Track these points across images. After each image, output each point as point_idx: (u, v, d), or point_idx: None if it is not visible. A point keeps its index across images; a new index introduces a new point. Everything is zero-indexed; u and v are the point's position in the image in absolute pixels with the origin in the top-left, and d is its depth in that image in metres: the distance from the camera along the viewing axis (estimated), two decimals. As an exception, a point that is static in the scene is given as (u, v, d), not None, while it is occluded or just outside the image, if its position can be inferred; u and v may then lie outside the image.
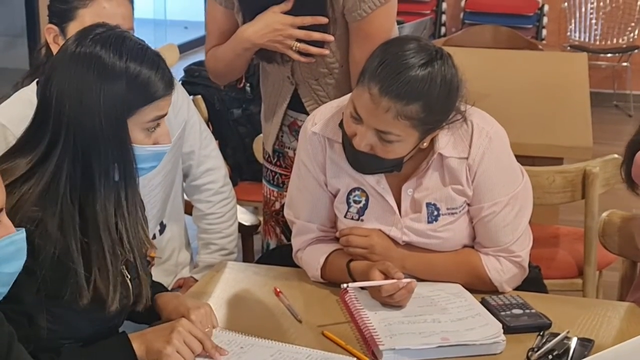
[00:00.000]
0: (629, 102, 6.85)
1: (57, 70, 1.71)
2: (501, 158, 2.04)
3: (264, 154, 2.68)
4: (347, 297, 1.96)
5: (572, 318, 1.90)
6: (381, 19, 2.34)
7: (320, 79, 2.45)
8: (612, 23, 6.91)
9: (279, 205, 2.58)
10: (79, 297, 1.65)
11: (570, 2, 6.90)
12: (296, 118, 2.53)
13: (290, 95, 2.50)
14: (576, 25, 6.91)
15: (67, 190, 1.64)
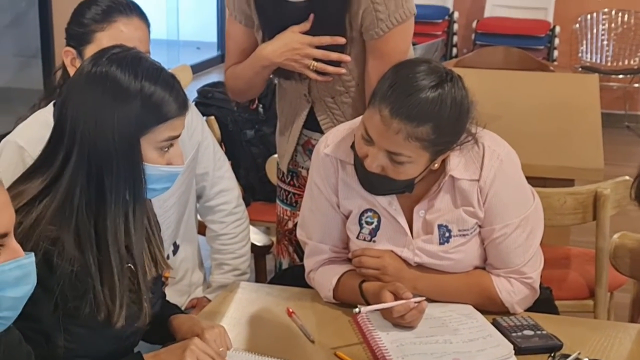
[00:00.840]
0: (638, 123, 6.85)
1: (74, 89, 1.73)
2: (512, 180, 2.04)
3: (278, 173, 2.68)
4: (360, 318, 1.96)
5: (583, 339, 1.89)
6: (397, 38, 2.36)
7: (337, 97, 2.46)
8: (623, 44, 6.91)
9: (292, 225, 2.59)
10: (97, 313, 1.65)
11: (582, 23, 6.91)
12: (310, 137, 2.54)
13: (306, 113, 2.51)
14: (587, 47, 6.92)
15: (81, 207, 1.65)
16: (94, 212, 1.68)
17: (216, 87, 3.77)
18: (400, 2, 2.32)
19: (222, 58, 9.32)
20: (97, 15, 2.16)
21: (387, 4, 2.31)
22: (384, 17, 2.32)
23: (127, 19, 2.17)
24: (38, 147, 1.83)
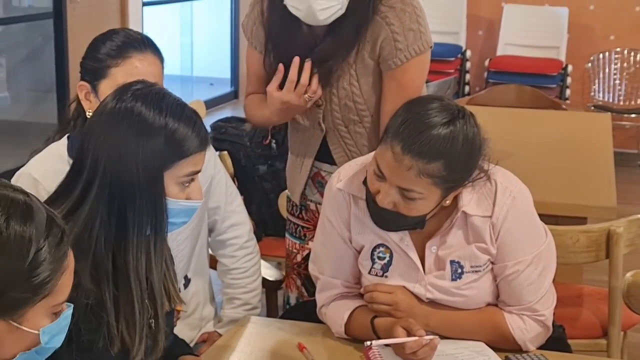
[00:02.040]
0: (653, 162, 6.83)
1: (96, 124, 1.74)
2: (525, 217, 2.04)
3: (288, 206, 2.68)
4: (371, 354, 1.95)
5: (598, 379, 1.89)
6: (414, 70, 2.39)
7: (350, 126, 2.46)
8: (636, 83, 6.92)
9: (300, 258, 2.60)
10: (110, 347, 1.66)
11: (594, 62, 6.93)
12: (320, 168, 2.54)
13: (319, 143, 2.50)
14: (600, 86, 6.93)
15: (100, 240, 1.66)
16: (112, 245, 1.68)
17: (229, 123, 3.78)
18: (418, 35, 2.34)
19: (235, 94, 9.39)
20: (112, 51, 2.17)
21: (406, 34, 2.33)
22: (403, 47, 2.34)
23: (141, 55, 2.18)
24: (52, 179, 1.84)
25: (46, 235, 1.30)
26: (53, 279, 1.31)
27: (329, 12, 2.26)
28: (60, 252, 1.32)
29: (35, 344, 1.34)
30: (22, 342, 1.33)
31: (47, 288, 1.30)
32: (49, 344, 1.36)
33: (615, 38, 6.95)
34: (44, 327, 1.33)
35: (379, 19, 2.34)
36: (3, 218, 1.26)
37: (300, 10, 2.27)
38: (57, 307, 1.35)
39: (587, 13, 6.95)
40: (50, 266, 1.30)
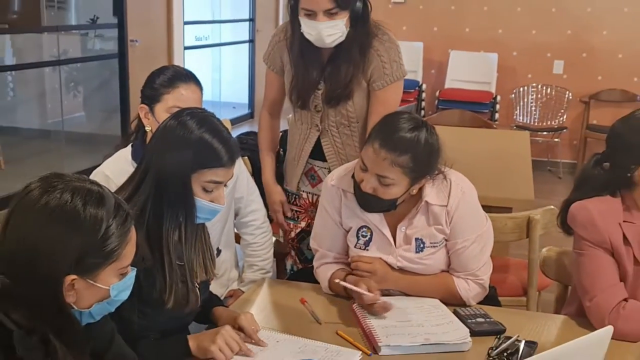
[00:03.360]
0: (559, 168, 6.83)
1: (155, 136, 1.76)
2: (471, 207, 2.05)
3: (286, 195, 2.64)
4: (355, 308, 1.96)
5: (521, 326, 1.88)
6: (394, 91, 2.42)
7: (340, 128, 2.45)
8: (546, 110, 6.94)
9: (294, 234, 2.60)
10: (162, 297, 1.67)
11: (516, 94, 6.96)
12: (314, 164, 2.53)
13: (314, 141, 2.49)
14: (520, 111, 6.95)
15: (150, 220, 1.67)
16: (158, 224, 1.68)
17: (249, 136, 3.76)
18: (399, 66, 2.39)
19: (251, 115, 9.37)
20: (165, 82, 2.17)
21: (391, 64, 2.37)
22: (388, 73, 2.37)
23: (186, 85, 2.18)
24: (120, 176, 1.84)
25: (114, 215, 1.30)
26: (119, 248, 1.31)
27: (333, 38, 2.27)
28: (125, 228, 1.32)
29: (107, 297, 1.34)
30: (97, 295, 1.33)
31: (115, 255, 1.31)
32: (117, 297, 1.36)
33: (531, 76, 6.97)
34: (113, 284, 1.33)
35: (372, 51, 2.35)
36: (81, 203, 1.26)
37: (312, 35, 2.28)
38: (123, 269, 1.35)
39: (511, 57, 6.97)
40: (118, 239, 1.30)
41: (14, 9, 7.04)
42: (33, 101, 7.42)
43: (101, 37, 7.05)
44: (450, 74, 7.01)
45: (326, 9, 2.20)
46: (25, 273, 1.24)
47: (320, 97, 2.41)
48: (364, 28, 2.33)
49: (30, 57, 6.89)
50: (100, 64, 6.89)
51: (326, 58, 2.38)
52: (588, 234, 1.90)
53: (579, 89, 6.85)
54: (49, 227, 1.24)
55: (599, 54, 6.78)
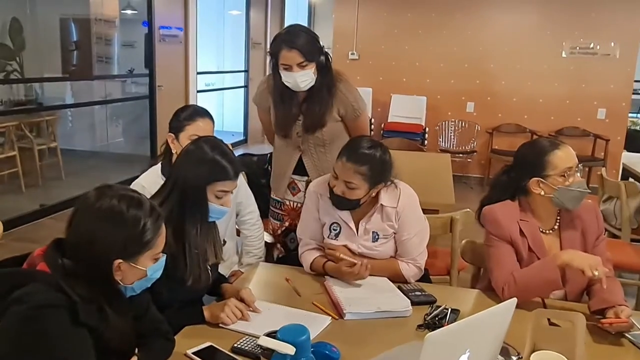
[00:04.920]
0: (471, 180, 6.90)
1: (179, 158, 1.74)
2: (414, 209, 2.05)
3: (272, 202, 2.63)
4: (327, 284, 1.95)
5: (447, 297, 1.88)
6: (363, 119, 2.43)
7: (317, 148, 2.43)
8: (461, 138, 6.98)
9: (280, 232, 2.57)
10: (183, 277, 1.65)
11: (440, 126, 7.00)
12: (294, 179, 2.51)
13: (296, 160, 2.47)
14: (443, 138, 7.00)
15: (175, 220, 1.64)
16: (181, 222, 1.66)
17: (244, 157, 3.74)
18: (361, 100, 2.41)
19: (246, 140, 9.33)
20: (187, 116, 2.15)
21: (357, 101, 2.38)
22: (357, 107, 2.38)
23: (202, 119, 2.16)
24: (152, 187, 1.81)
25: (149, 214, 1.29)
26: (153, 239, 1.30)
27: (305, 83, 2.27)
28: (157, 224, 1.31)
29: (144, 276, 1.32)
30: (137, 274, 1.31)
31: (150, 244, 1.30)
32: (152, 276, 1.35)
33: (451, 113, 7.01)
34: (149, 266, 1.32)
35: (340, 94, 2.35)
36: (125, 206, 1.26)
37: (290, 82, 2.28)
38: (156, 255, 1.34)
39: (437, 100, 7.00)
40: (152, 232, 1.29)
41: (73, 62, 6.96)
42: (86, 130, 7.33)
43: (136, 83, 6.99)
44: (392, 111, 7.02)
45: (298, 62, 2.22)
46: (85, 258, 1.24)
47: (300, 126, 2.40)
48: (328, 75, 2.34)
49: (84, 98, 6.81)
50: (135, 103, 6.83)
51: (301, 98, 2.37)
52: (494, 229, 1.92)
53: (485, 123, 6.91)
54: (102, 223, 1.24)
55: (499, 98, 6.86)
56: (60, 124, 6.54)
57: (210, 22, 8.89)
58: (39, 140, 6.12)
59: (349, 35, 7.10)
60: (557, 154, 1.86)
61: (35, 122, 6.22)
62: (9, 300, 1.17)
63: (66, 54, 7.25)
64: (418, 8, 6.90)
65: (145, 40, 6.56)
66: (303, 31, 2.25)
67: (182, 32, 6.84)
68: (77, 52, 7.29)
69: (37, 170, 5.98)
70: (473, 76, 6.87)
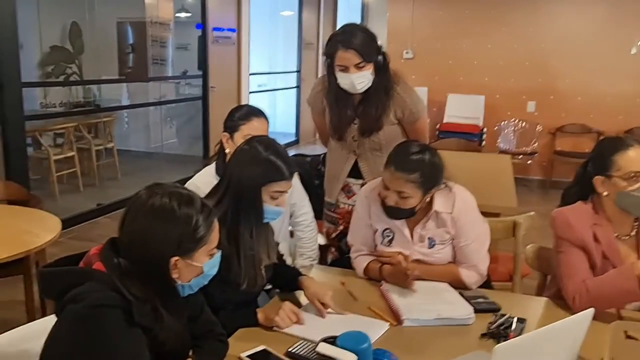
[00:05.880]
0: (532, 183, 6.67)
1: (233, 158, 1.72)
2: (472, 213, 1.97)
3: (326, 205, 2.59)
4: (383, 289, 1.90)
5: (512, 305, 1.80)
6: (422, 121, 2.38)
7: (373, 152, 2.39)
8: (522, 139, 6.78)
9: (335, 235, 2.53)
10: (237, 279, 1.64)
11: (499, 126, 6.82)
12: (349, 181, 2.47)
13: (352, 163, 2.43)
14: (502, 139, 6.81)
15: (229, 220, 1.63)
16: (235, 224, 1.65)
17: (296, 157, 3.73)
18: (420, 103, 2.37)
19: (297, 141, 9.37)
20: (242, 116, 2.15)
21: (415, 104, 2.33)
22: (414, 110, 2.33)
23: (257, 118, 2.16)
24: (206, 186, 1.81)
25: (201, 211, 1.28)
26: (207, 234, 1.29)
27: (362, 85, 2.23)
28: (209, 220, 1.30)
29: (201, 273, 1.31)
30: (194, 271, 1.30)
31: (204, 240, 1.28)
32: (209, 272, 1.34)
33: (510, 113, 6.81)
34: (205, 262, 1.31)
35: (398, 96, 2.29)
36: (177, 204, 1.25)
37: (346, 84, 2.23)
38: (211, 251, 1.33)
39: (495, 99, 6.82)
40: (205, 228, 1.28)
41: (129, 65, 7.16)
42: (141, 131, 7.53)
43: (189, 84, 7.13)
44: (448, 111, 6.89)
45: (355, 63, 2.17)
46: (139, 256, 1.23)
47: (355, 129, 2.35)
48: (386, 75, 2.28)
49: (139, 99, 7.00)
50: (188, 104, 6.97)
51: (357, 100, 2.33)
52: (565, 234, 1.81)
53: (547, 123, 6.68)
54: (154, 221, 1.24)
55: (562, 97, 6.61)
56: (117, 125, 6.74)
57: (263, 24, 8.97)
58: (96, 141, 6.33)
59: (403, 34, 7.01)
60: (626, 154, 1.74)
61: (93, 123, 6.45)
62: (65, 299, 1.18)
63: (123, 56, 7.47)
64: (476, 4, 6.74)
65: (198, 42, 6.69)
66: (360, 30, 2.20)
67: (235, 33, 6.93)
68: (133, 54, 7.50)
69: (95, 170, 6.19)
70: (534, 74, 6.64)
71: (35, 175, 5.13)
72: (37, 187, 4.93)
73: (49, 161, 5.57)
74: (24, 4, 5.58)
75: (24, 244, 2.32)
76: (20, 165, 4.29)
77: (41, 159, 5.62)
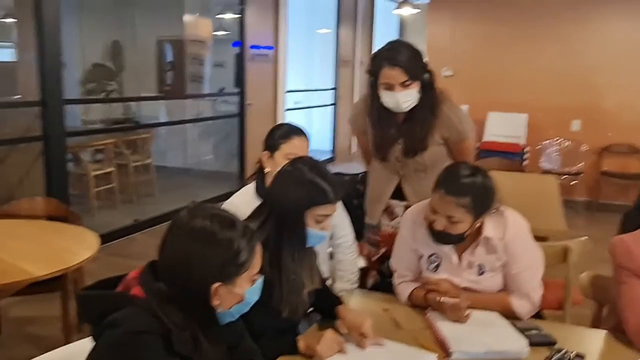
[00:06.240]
0: (577, 205, 6.44)
1: (276, 180, 1.67)
2: (524, 239, 1.87)
3: (366, 227, 2.51)
4: (428, 316, 1.81)
5: (567, 338, 1.69)
6: (469, 142, 2.30)
7: (418, 173, 2.31)
8: (566, 158, 6.58)
9: (376, 258, 2.45)
10: (278, 306, 1.58)
11: (542, 145, 6.64)
12: (391, 204, 2.39)
13: (395, 184, 2.36)
14: (545, 159, 6.62)
15: (271, 245, 1.58)
16: (278, 248, 1.60)
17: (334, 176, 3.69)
18: (467, 122, 2.28)
19: (333, 158, 9.33)
20: (282, 134, 2.11)
21: (462, 124, 2.25)
22: (461, 130, 2.25)
23: (298, 137, 2.11)
24: (246, 206, 1.77)
25: (242, 234, 1.23)
26: (249, 259, 1.24)
27: (408, 103, 2.16)
28: (251, 244, 1.25)
29: (243, 299, 1.27)
30: (236, 298, 1.25)
31: (246, 265, 1.24)
32: (250, 299, 1.29)
33: (553, 132, 6.63)
34: (247, 289, 1.26)
35: (444, 116, 2.22)
36: (218, 227, 1.21)
37: (391, 102, 2.17)
38: (253, 276, 1.28)
39: (538, 117, 6.65)
40: (247, 253, 1.23)
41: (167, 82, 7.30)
42: (178, 147, 7.61)
43: (226, 101, 7.18)
44: (488, 130, 6.75)
45: (401, 81, 2.11)
46: (179, 281, 1.20)
47: (399, 150, 2.29)
48: (432, 94, 2.21)
49: (177, 116, 7.09)
50: (225, 121, 7.01)
51: (401, 120, 2.26)
52: (627, 263, 1.70)
53: (593, 143, 6.47)
54: (195, 245, 1.20)
55: (609, 115, 6.40)
56: (154, 141, 6.83)
57: (300, 41, 9.02)
58: (134, 157, 6.42)
59: (443, 51, 6.93)
60: None
61: (132, 139, 6.54)
62: (103, 323, 1.15)
63: (161, 73, 7.61)
64: (518, 20, 6.62)
65: (235, 60, 6.75)
66: (406, 47, 2.14)
67: (272, 51, 6.97)
68: (171, 72, 7.63)
69: (132, 186, 6.26)
70: (579, 92, 6.46)
71: (74, 190, 5.21)
72: (76, 203, 5.00)
73: (87, 177, 5.66)
74: (68, 23, 5.73)
75: (62, 261, 2.32)
76: (61, 181, 4.36)
77: (80, 175, 5.71)
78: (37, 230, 2.79)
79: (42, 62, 4.12)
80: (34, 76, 4.17)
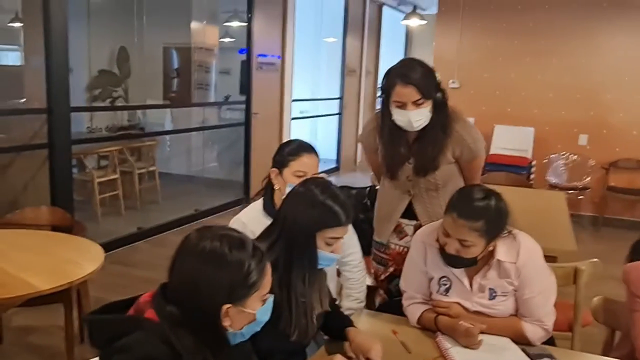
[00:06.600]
0: (583, 220, 6.41)
1: (287, 201, 1.66)
2: (537, 264, 1.84)
3: (375, 245, 2.49)
4: (439, 340, 1.79)
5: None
6: (479, 160, 2.29)
7: (429, 192, 2.29)
8: (572, 173, 6.55)
9: (384, 277, 2.42)
10: (287, 329, 1.56)
11: (549, 159, 6.61)
12: (401, 222, 2.37)
13: (405, 204, 2.33)
14: (552, 173, 6.58)
15: (281, 266, 1.56)
16: (288, 270, 1.58)
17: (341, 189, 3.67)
18: (480, 142, 2.27)
19: (338, 168, 9.31)
20: (291, 151, 2.09)
21: (475, 143, 2.24)
22: (474, 149, 2.23)
23: (308, 154, 2.09)
24: (253, 223, 1.76)
25: (252, 255, 1.22)
26: (259, 280, 1.23)
27: (420, 122, 2.14)
28: (261, 265, 1.24)
29: (254, 320, 1.26)
30: (247, 318, 1.24)
31: (257, 285, 1.22)
32: (261, 319, 1.28)
33: (560, 146, 6.61)
34: (258, 309, 1.25)
35: (457, 135, 2.20)
36: (227, 248, 1.20)
37: (402, 121, 2.14)
38: (264, 296, 1.26)
39: (545, 131, 6.63)
40: (257, 273, 1.22)
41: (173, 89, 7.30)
42: (183, 155, 7.61)
43: (232, 110, 7.19)
44: (495, 143, 6.72)
45: (414, 99, 2.09)
46: (189, 303, 1.19)
47: (410, 169, 2.26)
48: (444, 112, 2.19)
49: (182, 124, 7.09)
50: (230, 130, 7.01)
51: (412, 138, 2.24)
52: None
53: (600, 158, 6.44)
54: (205, 267, 1.19)
55: (616, 131, 6.38)
56: (158, 148, 6.83)
57: (307, 50, 9.03)
58: (139, 164, 6.41)
59: (449, 63, 6.93)
60: None
61: (137, 147, 6.54)
62: (113, 347, 1.13)
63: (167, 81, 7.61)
64: (525, 34, 6.62)
65: (242, 68, 6.75)
66: (419, 65, 2.12)
67: (279, 59, 6.98)
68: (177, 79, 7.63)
69: (137, 194, 6.25)
70: (586, 107, 6.44)
71: (78, 197, 5.20)
72: (80, 209, 4.99)
73: (92, 184, 5.65)
74: (75, 29, 5.73)
75: (66, 274, 2.31)
76: (66, 188, 4.35)
77: (85, 182, 5.70)
78: (41, 241, 2.77)
79: (49, 69, 4.12)
80: (40, 80, 4.16)
